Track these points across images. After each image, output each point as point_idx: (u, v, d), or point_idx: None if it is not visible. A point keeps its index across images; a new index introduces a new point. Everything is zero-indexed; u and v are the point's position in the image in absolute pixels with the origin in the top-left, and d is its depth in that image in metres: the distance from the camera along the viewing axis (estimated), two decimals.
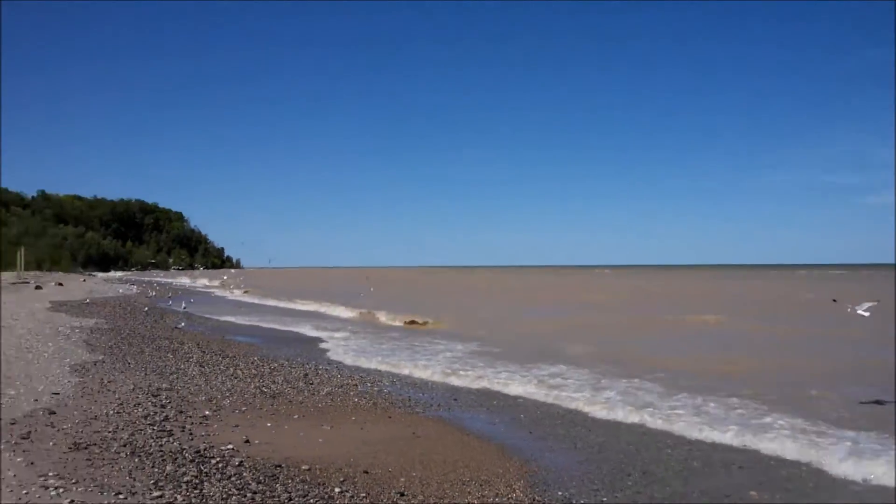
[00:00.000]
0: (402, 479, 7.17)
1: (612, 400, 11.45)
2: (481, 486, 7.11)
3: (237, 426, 9.05)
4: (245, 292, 54.41)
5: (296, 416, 9.92)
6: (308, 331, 23.48)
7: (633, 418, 10.33)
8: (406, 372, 14.85)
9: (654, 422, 10.10)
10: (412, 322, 27.00)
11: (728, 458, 8.36)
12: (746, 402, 11.11)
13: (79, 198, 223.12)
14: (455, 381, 13.78)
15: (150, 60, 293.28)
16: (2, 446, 7.35)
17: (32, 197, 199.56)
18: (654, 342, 20.36)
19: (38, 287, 51.79)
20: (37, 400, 9.80)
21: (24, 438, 7.72)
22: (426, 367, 15.24)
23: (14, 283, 59.63)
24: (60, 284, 59.23)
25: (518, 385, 13.13)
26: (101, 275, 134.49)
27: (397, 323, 27.34)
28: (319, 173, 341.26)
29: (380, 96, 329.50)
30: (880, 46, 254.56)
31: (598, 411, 10.81)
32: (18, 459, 6.92)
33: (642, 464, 8.07)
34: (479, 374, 14.21)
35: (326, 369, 14.80)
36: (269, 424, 9.31)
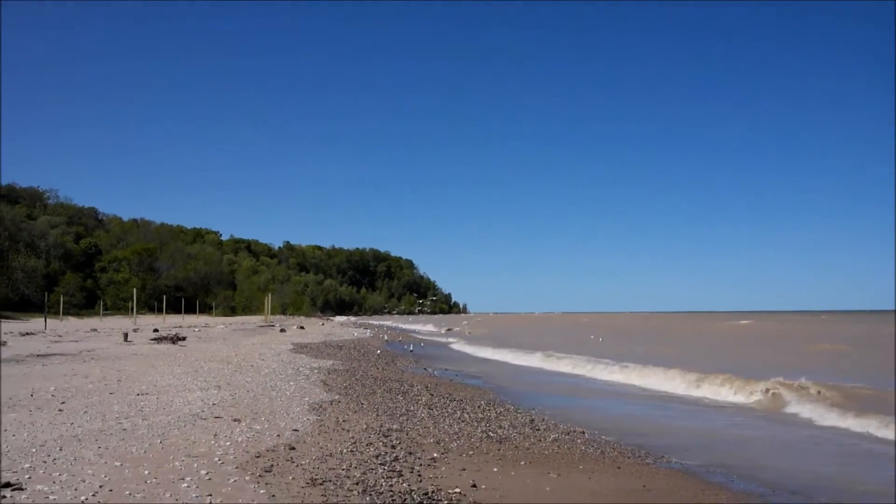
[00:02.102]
0: None
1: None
2: None
3: (464, 470, 9.03)
4: (469, 335, 55.29)
5: (522, 462, 9.76)
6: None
7: None
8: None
9: None
10: None
11: None
12: None
13: (319, 247, 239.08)
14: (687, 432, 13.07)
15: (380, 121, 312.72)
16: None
17: (279, 248, 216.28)
18: None
19: (282, 330, 55.70)
20: (279, 436, 10.33)
21: (266, 472, 8.13)
22: None
23: (262, 326, 64.49)
24: (302, 328, 63.32)
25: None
26: (337, 319, 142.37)
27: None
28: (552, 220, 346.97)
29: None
30: None
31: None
32: (262, 491, 7.28)
33: None
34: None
35: (552, 415, 14.56)
36: (495, 469, 9.21)
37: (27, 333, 39.90)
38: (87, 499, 6.75)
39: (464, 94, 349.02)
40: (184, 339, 34.18)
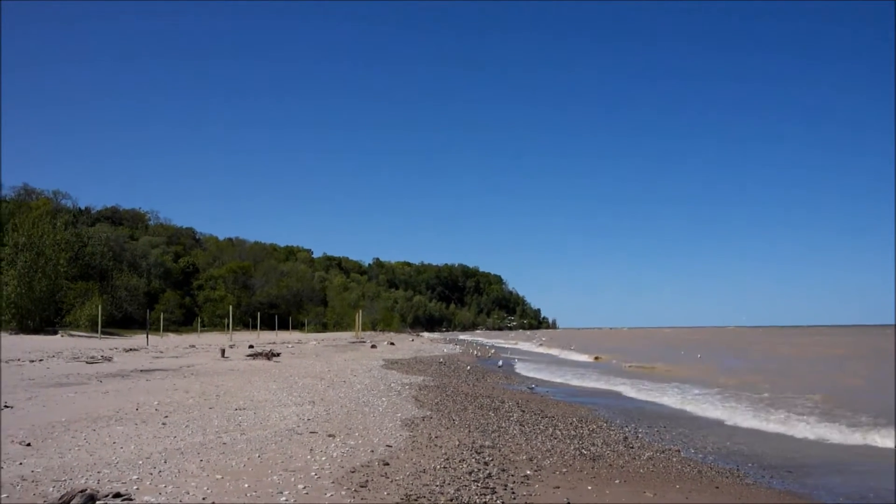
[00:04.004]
0: None
1: None
2: None
3: (558, 487, 8.95)
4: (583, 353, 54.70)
5: (617, 481, 9.61)
6: None
7: None
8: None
9: None
10: None
11: None
12: None
13: (408, 264, 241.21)
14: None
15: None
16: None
17: (369, 264, 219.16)
18: None
19: (373, 346, 56.30)
20: (373, 451, 10.45)
21: (362, 486, 8.24)
22: None
23: (353, 342, 65.33)
24: (392, 343, 63.86)
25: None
26: (427, 334, 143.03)
27: None
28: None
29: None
30: None
31: None
32: None
33: None
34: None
35: (646, 433, 14.32)
36: (589, 488, 9.10)
37: (131, 349, 41.46)
38: None
39: (556, 105, 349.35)
40: (278, 354, 34.92)
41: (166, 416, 13.17)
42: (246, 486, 8.03)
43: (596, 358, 46.52)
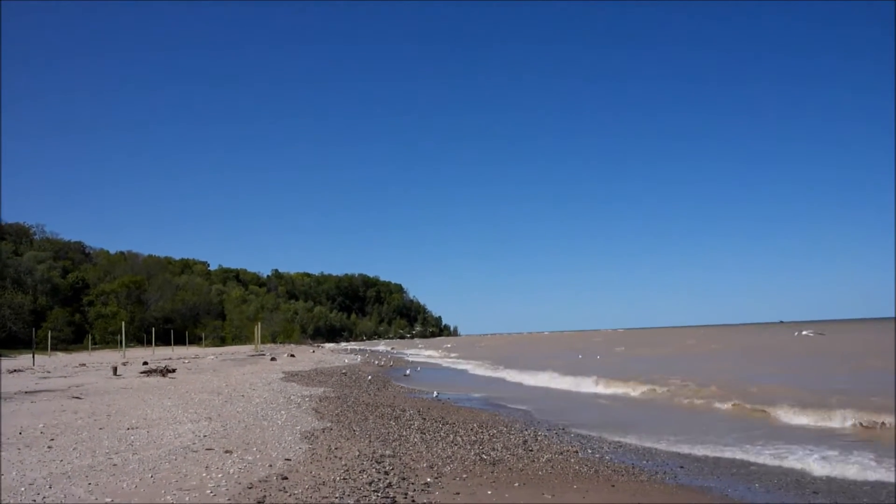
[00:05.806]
0: None
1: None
2: None
3: (458, 494, 8.99)
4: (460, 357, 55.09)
5: (516, 484, 9.72)
6: None
7: None
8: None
9: None
10: None
11: None
12: None
13: (307, 275, 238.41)
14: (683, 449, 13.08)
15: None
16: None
17: (267, 276, 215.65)
18: None
19: (272, 359, 55.42)
20: (271, 465, 10.27)
21: (259, 502, 8.08)
22: None
23: (252, 356, 64.16)
24: (292, 356, 62.97)
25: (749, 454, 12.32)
26: (328, 345, 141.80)
27: None
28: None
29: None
30: None
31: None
32: None
33: None
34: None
35: (546, 435, 14.54)
36: (489, 492, 9.17)
37: (15, 370, 39.50)
38: None
39: (452, 113, 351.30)
40: (173, 371, 33.96)
41: (52, 439, 12.61)
42: None
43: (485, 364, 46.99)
